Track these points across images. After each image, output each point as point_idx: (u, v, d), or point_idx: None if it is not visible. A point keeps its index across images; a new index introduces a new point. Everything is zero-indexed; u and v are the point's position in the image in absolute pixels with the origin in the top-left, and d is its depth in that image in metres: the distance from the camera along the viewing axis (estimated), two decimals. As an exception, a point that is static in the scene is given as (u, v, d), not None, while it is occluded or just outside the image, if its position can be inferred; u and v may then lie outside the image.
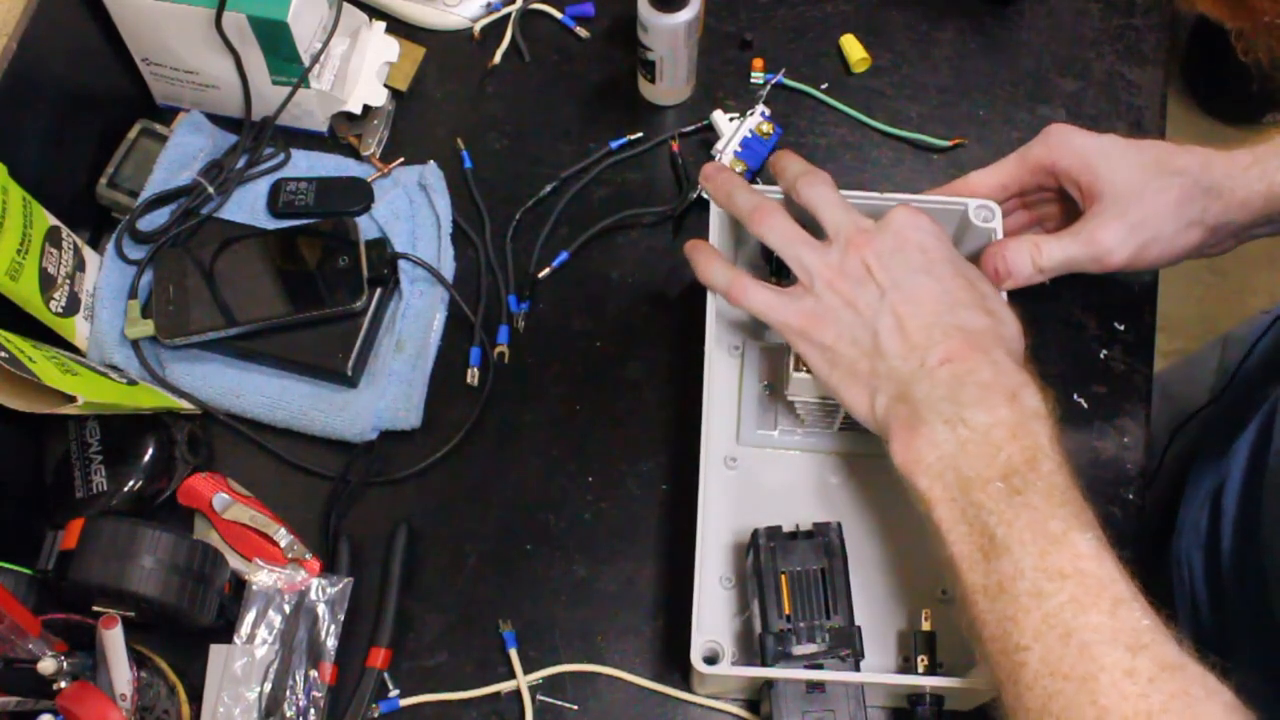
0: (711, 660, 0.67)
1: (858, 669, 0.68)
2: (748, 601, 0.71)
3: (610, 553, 0.77)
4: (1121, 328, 0.83)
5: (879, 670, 0.71)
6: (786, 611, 0.68)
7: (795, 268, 0.68)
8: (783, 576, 0.69)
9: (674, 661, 0.74)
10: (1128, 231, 0.71)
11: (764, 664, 0.67)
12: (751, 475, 0.77)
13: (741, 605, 0.74)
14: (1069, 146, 0.73)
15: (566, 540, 0.78)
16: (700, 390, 0.72)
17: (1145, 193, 0.70)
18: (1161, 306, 0.84)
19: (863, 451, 0.77)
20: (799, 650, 0.67)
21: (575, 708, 0.73)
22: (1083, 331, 0.83)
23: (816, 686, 0.67)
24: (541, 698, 0.73)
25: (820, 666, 0.67)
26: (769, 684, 0.68)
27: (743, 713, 0.73)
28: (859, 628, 0.68)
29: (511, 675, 0.74)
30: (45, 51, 0.79)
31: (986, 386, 0.61)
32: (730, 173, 0.74)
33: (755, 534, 0.70)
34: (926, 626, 0.71)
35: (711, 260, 0.72)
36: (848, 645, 0.67)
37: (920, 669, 0.69)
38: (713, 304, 0.74)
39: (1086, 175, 0.72)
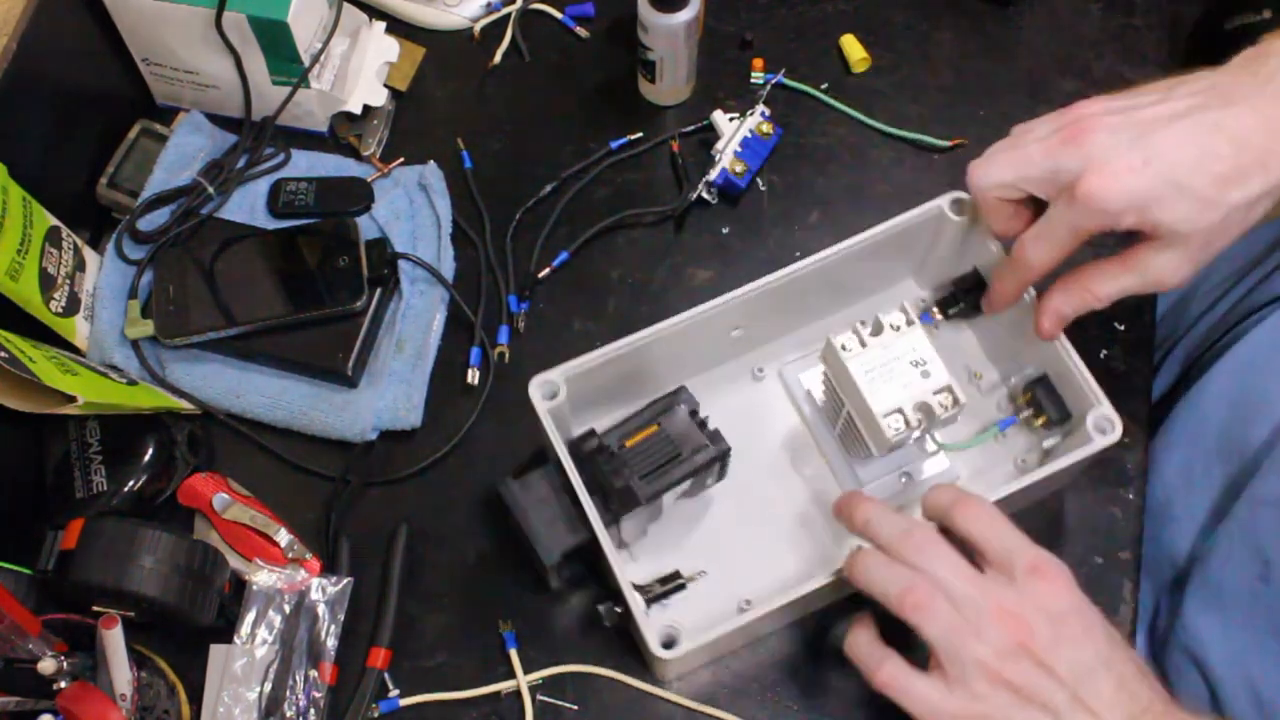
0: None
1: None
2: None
3: (610, 553, 0.77)
4: (1121, 328, 0.83)
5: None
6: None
7: (948, 661, 0.60)
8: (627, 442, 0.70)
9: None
10: (1187, 260, 0.65)
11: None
12: None
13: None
14: (1116, 200, 0.64)
15: (566, 540, 0.78)
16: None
17: (1201, 223, 0.64)
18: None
19: None
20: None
21: (575, 708, 0.73)
22: (1083, 332, 0.83)
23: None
24: (541, 698, 0.73)
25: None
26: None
27: (738, 718, 0.73)
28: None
29: (511, 675, 0.74)
30: (45, 51, 0.79)
31: None
32: (864, 495, 0.68)
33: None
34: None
35: (865, 631, 0.65)
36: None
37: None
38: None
39: (1147, 222, 0.64)
